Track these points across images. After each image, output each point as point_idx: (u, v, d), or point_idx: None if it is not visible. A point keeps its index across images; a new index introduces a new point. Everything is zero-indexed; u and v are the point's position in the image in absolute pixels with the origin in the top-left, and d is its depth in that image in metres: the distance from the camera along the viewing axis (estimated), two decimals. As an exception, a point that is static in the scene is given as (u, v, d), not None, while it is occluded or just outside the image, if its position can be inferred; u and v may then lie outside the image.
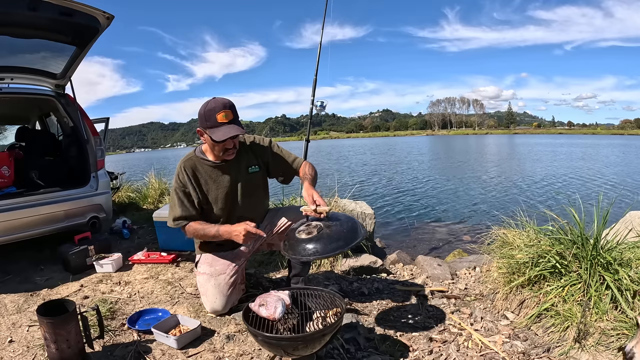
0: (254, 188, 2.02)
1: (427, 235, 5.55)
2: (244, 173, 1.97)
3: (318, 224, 1.63)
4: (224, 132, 1.74)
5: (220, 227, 1.84)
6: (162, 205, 4.53)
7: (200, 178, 1.92)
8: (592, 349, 1.54)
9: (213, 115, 1.75)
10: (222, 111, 1.74)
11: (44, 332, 1.50)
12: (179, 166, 1.93)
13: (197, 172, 1.92)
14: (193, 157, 1.95)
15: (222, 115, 1.74)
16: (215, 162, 1.93)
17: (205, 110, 1.77)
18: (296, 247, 1.59)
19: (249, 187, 1.99)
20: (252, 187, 2.00)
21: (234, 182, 1.95)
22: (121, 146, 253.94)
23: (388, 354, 1.66)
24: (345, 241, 1.57)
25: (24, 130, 4.24)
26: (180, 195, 1.90)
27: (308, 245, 1.57)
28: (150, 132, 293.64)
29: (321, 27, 3.39)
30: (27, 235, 2.73)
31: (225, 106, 1.76)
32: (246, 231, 1.73)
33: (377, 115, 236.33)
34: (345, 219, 1.71)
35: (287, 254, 1.64)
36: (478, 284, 2.42)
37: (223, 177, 1.94)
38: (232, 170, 1.94)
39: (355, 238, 1.60)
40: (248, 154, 2.00)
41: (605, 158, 18.85)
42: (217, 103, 1.76)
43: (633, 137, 63.81)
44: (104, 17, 2.55)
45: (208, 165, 1.93)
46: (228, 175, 1.94)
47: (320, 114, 3.62)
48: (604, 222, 1.89)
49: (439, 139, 74.60)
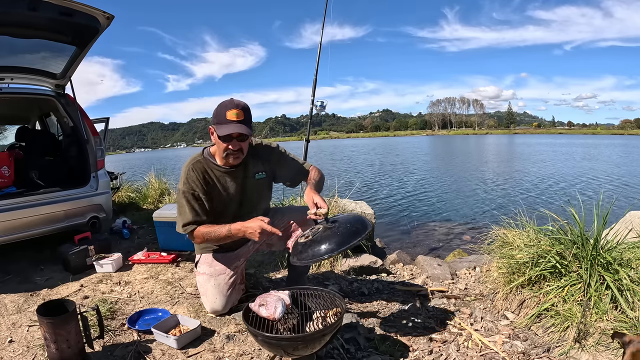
0: (260, 194, 1.99)
1: (427, 235, 5.55)
2: (251, 180, 1.93)
3: (319, 227, 1.62)
4: (228, 128, 1.70)
5: (232, 226, 1.74)
6: (162, 205, 4.53)
7: (209, 181, 1.86)
8: (592, 349, 1.54)
9: (223, 111, 1.72)
10: (233, 109, 1.71)
11: (44, 332, 1.50)
12: (186, 167, 1.84)
13: (207, 175, 1.85)
14: (201, 159, 1.88)
15: (232, 112, 1.71)
16: (223, 167, 1.86)
17: (218, 107, 1.75)
18: (303, 252, 1.57)
19: (255, 194, 1.96)
20: (258, 193, 1.98)
21: (241, 188, 1.91)
22: (121, 146, 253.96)
23: (388, 354, 1.66)
24: (350, 237, 1.54)
25: (24, 130, 4.24)
26: (190, 199, 1.80)
27: (314, 248, 1.54)
28: (150, 132, 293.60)
29: (321, 27, 3.40)
30: (27, 235, 2.73)
31: (237, 106, 1.73)
32: (261, 229, 1.67)
33: (377, 115, 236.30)
34: (349, 216, 1.71)
35: (299, 261, 1.59)
36: (478, 284, 2.42)
37: (231, 183, 1.89)
38: (239, 177, 1.89)
39: (364, 229, 1.58)
40: (255, 160, 1.94)
41: (608, 158, 18.83)
42: (231, 102, 1.74)
43: (633, 137, 63.80)
44: (104, 17, 2.55)
45: (217, 169, 1.87)
46: (235, 181, 1.89)
47: (320, 114, 3.62)
48: (604, 222, 1.89)
49: (439, 139, 74.57)
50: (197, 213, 1.80)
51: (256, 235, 1.69)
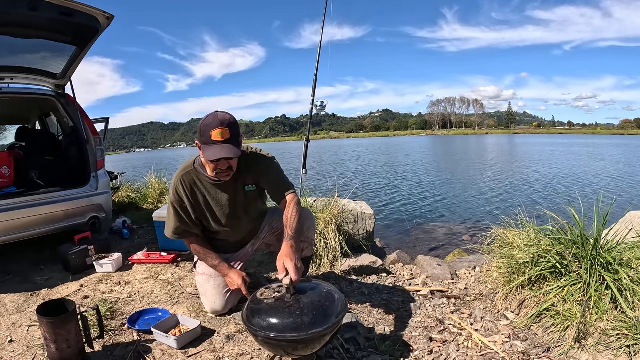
0: (252, 204, 1.97)
1: (427, 235, 5.55)
2: (241, 192, 1.89)
3: (284, 290, 1.42)
4: (214, 151, 1.60)
5: (221, 265, 1.92)
6: (162, 205, 4.53)
7: (198, 194, 1.85)
8: (592, 349, 1.54)
9: (208, 131, 1.61)
10: (218, 128, 1.59)
11: (44, 332, 1.50)
12: (176, 178, 1.85)
13: (196, 187, 1.85)
14: (192, 170, 1.84)
15: (216, 132, 1.59)
16: (213, 179, 1.82)
17: (202, 125, 1.64)
18: (255, 316, 1.37)
19: (246, 204, 1.94)
20: (249, 204, 1.95)
21: (231, 200, 1.89)
22: (121, 146, 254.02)
23: (388, 354, 1.66)
24: (306, 327, 1.29)
25: (24, 130, 4.24)
26: (177, 209, 1.85)
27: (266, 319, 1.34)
28: (150, 132, 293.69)
29: (321, 27, 3.40)
30: (27, 235, 2.73)
31: (222, 123, 1.60)
32: (239, 287, 1.87)
33: (377, 115, 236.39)
34: (317, 297, 1.41)
35: (247, 322, 1.39)
36: (478, 284, 2.42)
37: (222, 195, 1.87)
38: (230, 189, 1.86)
39: (317, 325, 1.30)
40: (246, 173, 1.86)
41: (611, 157, 18.80)
42: (215, 119, 1.62)
43: (633, 137, 63.81)
44: (104, 17, 2.55)
45: (207, 181, 1.84)
46: (226, 193, 1.87)
47: (320, 114, 3.62)
48: (604, 222, 1.89)
49: (439, 139, 74.53)
50: (184, 221, 1.89)
51: (232, 286, 1.91)
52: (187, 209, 1.86)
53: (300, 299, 1.38)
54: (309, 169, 3.56)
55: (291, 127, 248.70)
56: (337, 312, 1.38)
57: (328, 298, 1.42)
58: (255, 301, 1.44)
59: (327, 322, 1.33)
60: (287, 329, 1.30)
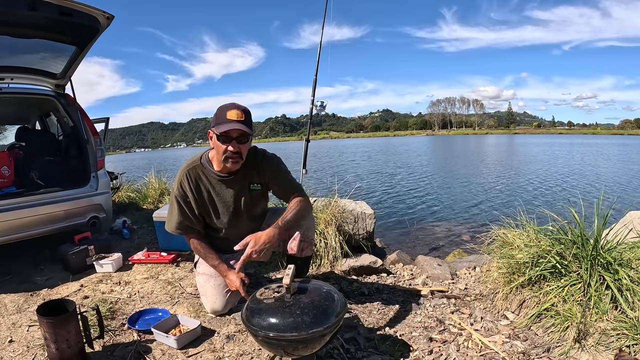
0: (256, 202, 1.98)
1: (427, 235, 5.54)
2: (246, 190, 1.91)
3: (283, 290, 1.42)
4: (229, 125, 1.68)
5: (220, 265, 1.91)
6: (162, 205, 4.53)
7: (202, 189, 1.86)
8: (592, 349, 1.54)
9: (224, 112, 1.70)
10: (233, 109, 1.70)
11: (44, 332, 1.50)
12: (181, 172, 1.86)
13: (201, 182, 1.86)
14: (198, 165, 1.86)
15: (232, 112, 1.69)
16: (220, 175, 1.84)
17: (218, 109, 1.74)
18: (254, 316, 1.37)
19: (251, 202, 1.95)
20: (254, 202, 1.96)
21: (237, 197, 1.90)
22: (121, 146, 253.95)
23: (388, 354, 1.66)
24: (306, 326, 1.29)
25: (24, 130, 4.25)
26: (181, 203, 1.85)
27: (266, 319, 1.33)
28: (150, 132, 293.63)
29: (320, 28, 3.40)
30: (27, 235, 2.73)
31: (238, 107, 1.71)
32: (237, 288, 1.85)
33: (377, 115, 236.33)
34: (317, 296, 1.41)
35: (247, 322, 1.38)
36: (478, 284, 2.42)
37: (227, 192, 1.88)
38: (235, 186, 1.88)
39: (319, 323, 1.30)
40: (252, 171, 1.89)
41: (614, 157, 18.73)
42: (232, 104, 1.73)
43: (633, 137, 63.79)
44: (104, 17, 2.55)
45: (213, 176, 1.85)
46: (232, 189, 1.88)
47: (320, 114, 3.62)
48: (604, 222, 1.89)
49: (439, 139, 74.47)
50: (187, 217, 1.88)
51: (231, 287, 1.90)
52: (191, 203, 1.86)
53: (299, 299, 1.39)
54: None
55: (291, 127, 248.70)
56: (337, 311, 1.38)
57: (328, 298, 1.42)
58: (255, 301, 1.44)
59: (327, 321, 1.33)
60: (287, 328, 1.30)
